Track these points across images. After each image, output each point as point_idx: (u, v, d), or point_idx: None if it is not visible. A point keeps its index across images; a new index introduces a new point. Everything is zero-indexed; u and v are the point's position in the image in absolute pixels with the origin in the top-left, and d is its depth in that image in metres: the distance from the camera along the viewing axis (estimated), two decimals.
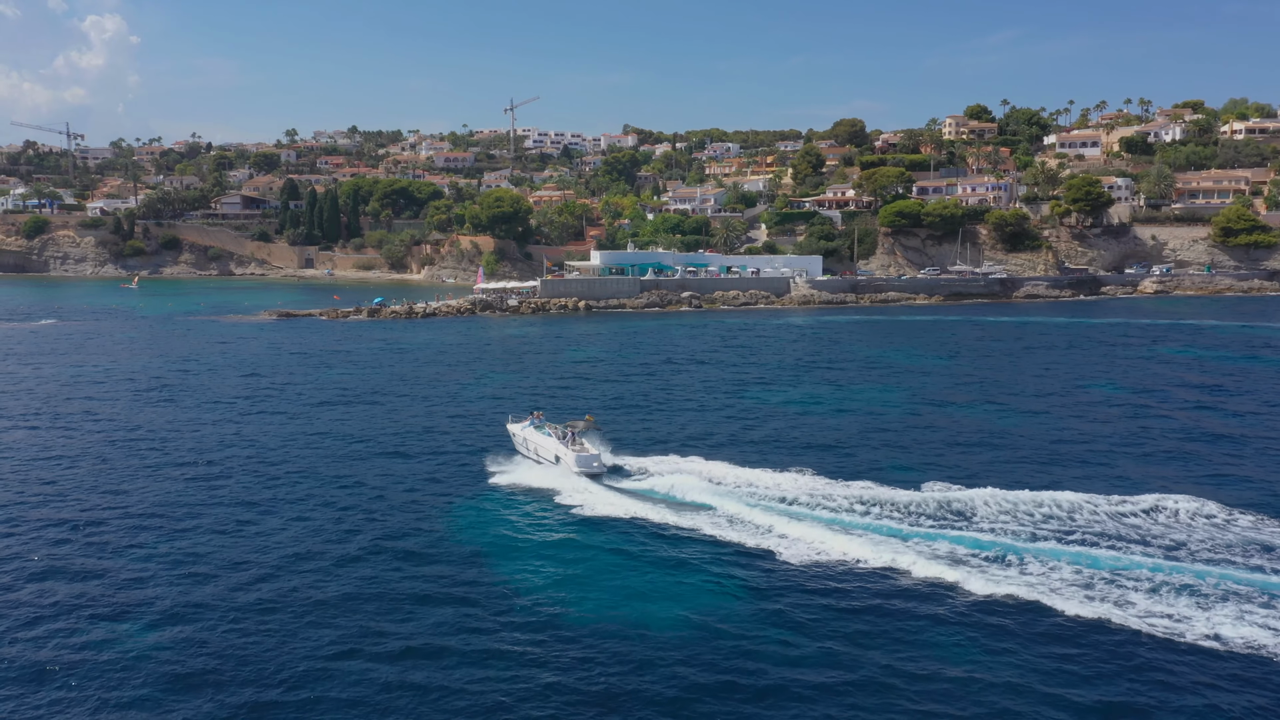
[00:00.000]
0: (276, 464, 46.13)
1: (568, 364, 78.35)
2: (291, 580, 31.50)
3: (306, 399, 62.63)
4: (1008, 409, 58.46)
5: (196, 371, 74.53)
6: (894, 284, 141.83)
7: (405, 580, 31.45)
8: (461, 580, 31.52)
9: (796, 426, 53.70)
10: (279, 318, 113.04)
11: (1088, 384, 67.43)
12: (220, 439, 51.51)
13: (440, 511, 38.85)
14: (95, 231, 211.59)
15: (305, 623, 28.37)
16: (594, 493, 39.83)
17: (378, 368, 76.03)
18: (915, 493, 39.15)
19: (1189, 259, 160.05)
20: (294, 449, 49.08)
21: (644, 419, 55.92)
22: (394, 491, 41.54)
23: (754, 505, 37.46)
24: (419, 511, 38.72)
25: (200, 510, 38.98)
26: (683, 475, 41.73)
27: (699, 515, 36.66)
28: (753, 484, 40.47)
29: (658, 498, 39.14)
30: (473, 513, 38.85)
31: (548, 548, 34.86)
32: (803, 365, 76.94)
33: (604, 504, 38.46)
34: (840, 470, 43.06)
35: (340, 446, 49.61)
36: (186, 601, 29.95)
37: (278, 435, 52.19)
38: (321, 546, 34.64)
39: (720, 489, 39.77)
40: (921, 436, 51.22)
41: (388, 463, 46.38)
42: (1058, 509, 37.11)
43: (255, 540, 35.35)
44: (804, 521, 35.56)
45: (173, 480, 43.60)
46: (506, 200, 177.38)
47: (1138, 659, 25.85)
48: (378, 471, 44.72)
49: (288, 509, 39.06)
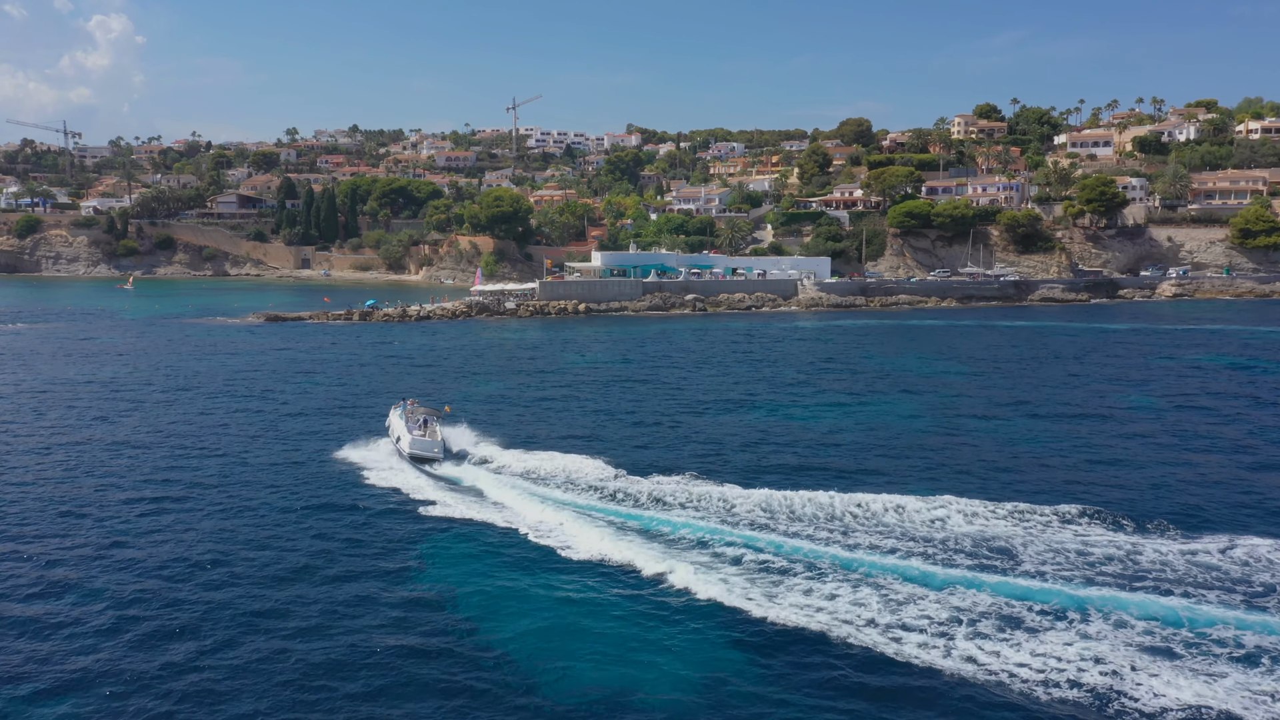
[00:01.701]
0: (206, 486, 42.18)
1: (564, 371, 74.24)
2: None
3: (269, 414, 58.61)
4: (1037, 425, 54.15)
5: (162, 381, 70.37)
6: (905, 287, 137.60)
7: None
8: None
9: (806, 441, 49.55)
10: (266, 321, 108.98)
11: (1118, 395, 63.16)
12: (153, 470, 44.94)
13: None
14: (88, 231, 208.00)
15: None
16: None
17: (360, 375, 71.87)
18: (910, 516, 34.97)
19: (1206, 261, 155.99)
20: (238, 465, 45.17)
21: (641, 433, 51.81)
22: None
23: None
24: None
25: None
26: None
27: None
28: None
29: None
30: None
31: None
32: (812, 373, 72.75)
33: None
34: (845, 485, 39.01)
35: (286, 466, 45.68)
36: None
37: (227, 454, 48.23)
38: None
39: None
40: (942, 454, 47.03)
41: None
42: (1115, 549, 32.72)
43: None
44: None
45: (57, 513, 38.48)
46: (506, 200, 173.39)
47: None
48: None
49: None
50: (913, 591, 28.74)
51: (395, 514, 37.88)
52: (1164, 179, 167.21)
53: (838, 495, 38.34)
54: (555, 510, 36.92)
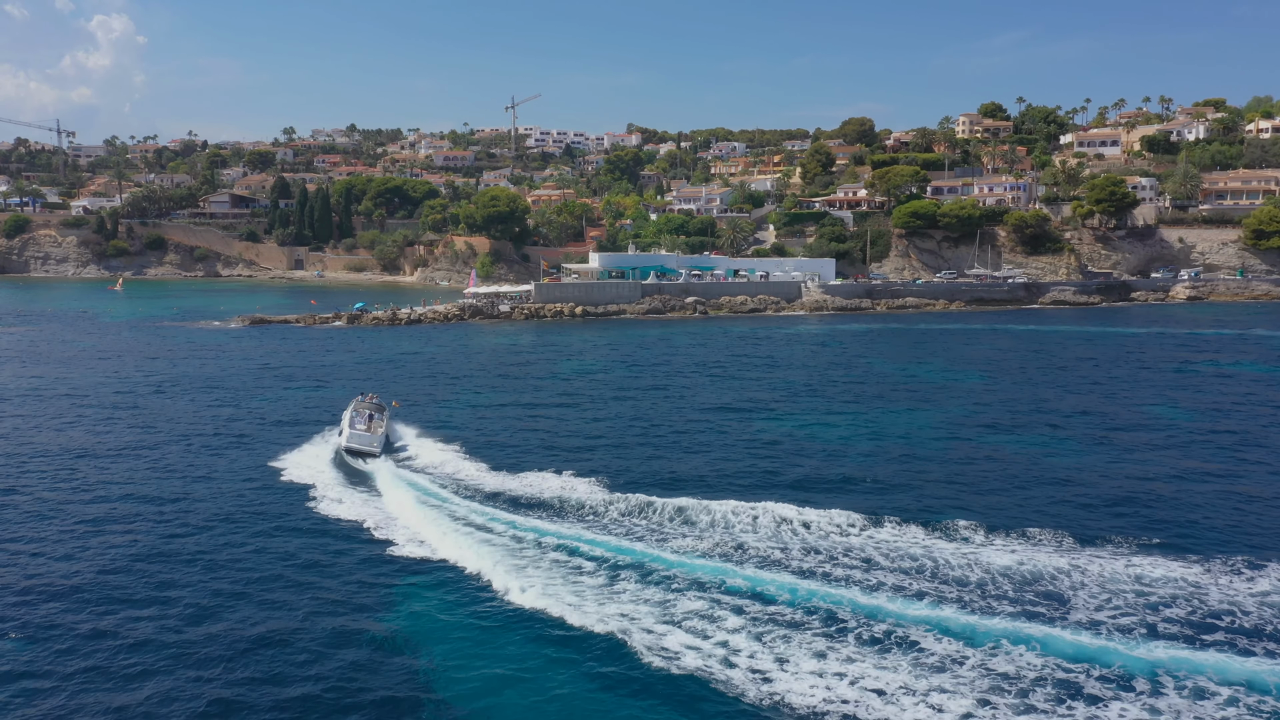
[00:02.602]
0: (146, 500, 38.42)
1: (558, 379, 70.40)
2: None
3: (226, 420, 54.79)
4: (1067, 439, 50.27)
5: (122, 388, 66.41)
6: (912, 289, 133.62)
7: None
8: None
9: (817, 457, 45.72)
10: (251, 324, 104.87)
11: (1148, 405, 59.29)
12: (80, 482, 42.29)
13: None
14: (77, 231, 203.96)
15: None
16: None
17: (338, 380, 67.73)
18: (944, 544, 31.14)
19: (1218, 262, 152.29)
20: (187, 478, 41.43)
21: (633, 449, 48.00)
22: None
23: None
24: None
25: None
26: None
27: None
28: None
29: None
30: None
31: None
32: (820, 382, 68.93)
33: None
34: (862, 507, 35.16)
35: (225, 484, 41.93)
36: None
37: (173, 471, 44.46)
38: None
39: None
40: (968, 473, 43.22)
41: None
42: (1177, 589, 28.90)
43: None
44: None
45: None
46: (503, 199, 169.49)
47: None
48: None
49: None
50: (949, 651, 24.89)
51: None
52: (1174, 179, 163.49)
53: (855, 518, 34.58)
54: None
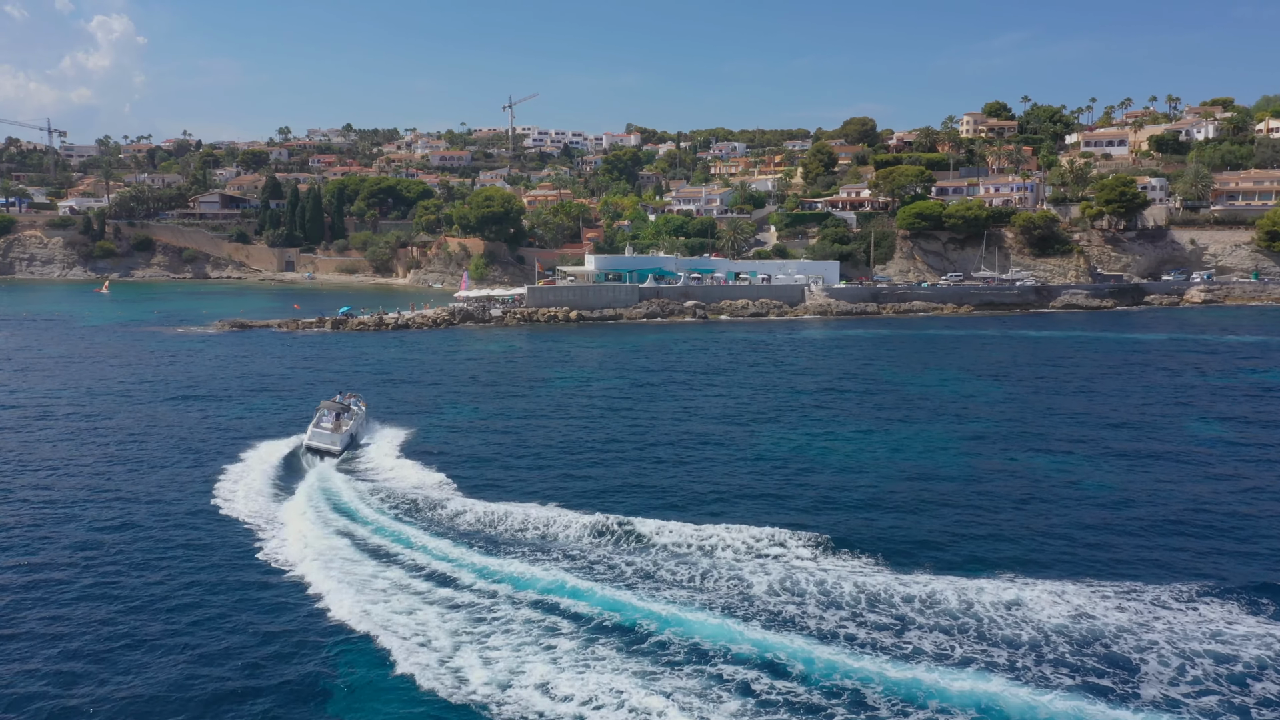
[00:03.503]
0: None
1: (549, 389, 66.22)
2: None
3: (178, 428, 50.63)
4: (1105, 463, 45.90)
5: (73, 398, 62.23)
6: (919, 292, 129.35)
7: None
8: None
9: (830, 482, 41.61)
10: (231, 329, 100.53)
11: (1186, 423, 54.95)
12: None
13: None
14: (64, 232, 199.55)
15: None
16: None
17: (310, 389, 63.03)
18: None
19: (1231, 265, 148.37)
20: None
21: (627, 470, 43.88)
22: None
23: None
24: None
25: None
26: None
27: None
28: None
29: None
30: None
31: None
32: (828, 395, 64.78)
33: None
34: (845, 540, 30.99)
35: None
36: None
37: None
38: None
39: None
40: (1001, 503, 39.08)
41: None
42: (1264, 647, 24.64)
43: None
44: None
45: None
46: (497, 200, 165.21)
47: None
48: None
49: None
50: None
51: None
52: (1185, 179, 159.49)
53: (878, 560, 30.43)
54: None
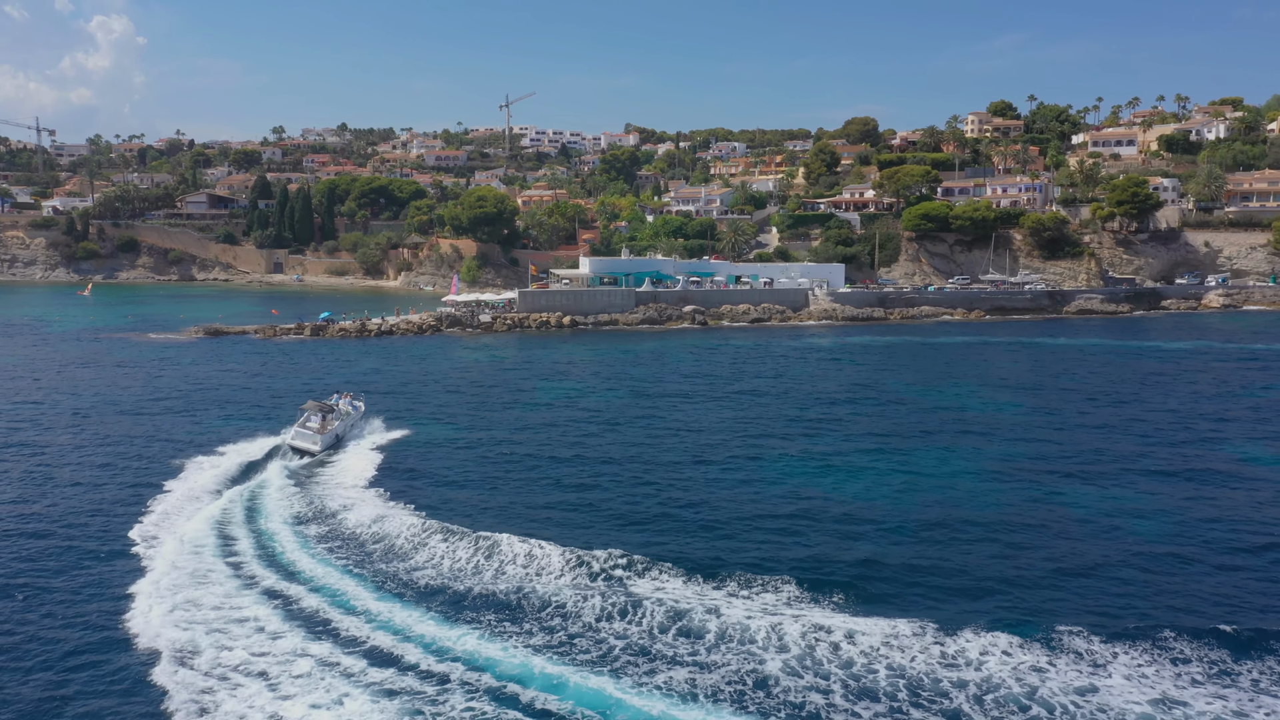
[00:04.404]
0: None
1: (537, 405, 61.44)
2: None
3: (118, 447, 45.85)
4: (1155, 493, 41.20)
5: (19, 413, 57.44)
6: (927, 297, 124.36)
7: None
8: None
9: (845, 519, 36.88)
10: (205, 335, 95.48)
11: (1236, 446, 50.08)
12: None
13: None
14: (46, 232, 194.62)
15: None
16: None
17: (272, 403, 58.37)
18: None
19: (1247, 268, 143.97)
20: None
21: (618, 503, 39.13)
22: None
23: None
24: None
25: None
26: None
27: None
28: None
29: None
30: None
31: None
32: (838, 411, 60.02)
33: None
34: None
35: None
36: None
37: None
38: None
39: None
40: (1054, 549, 34.32)
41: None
42: None
43: None
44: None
45: None
46: (490, 200, 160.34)
47: None
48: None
49: None
50: None
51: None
52: (1197, 180, 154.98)
53: (917, 628, 25.69)
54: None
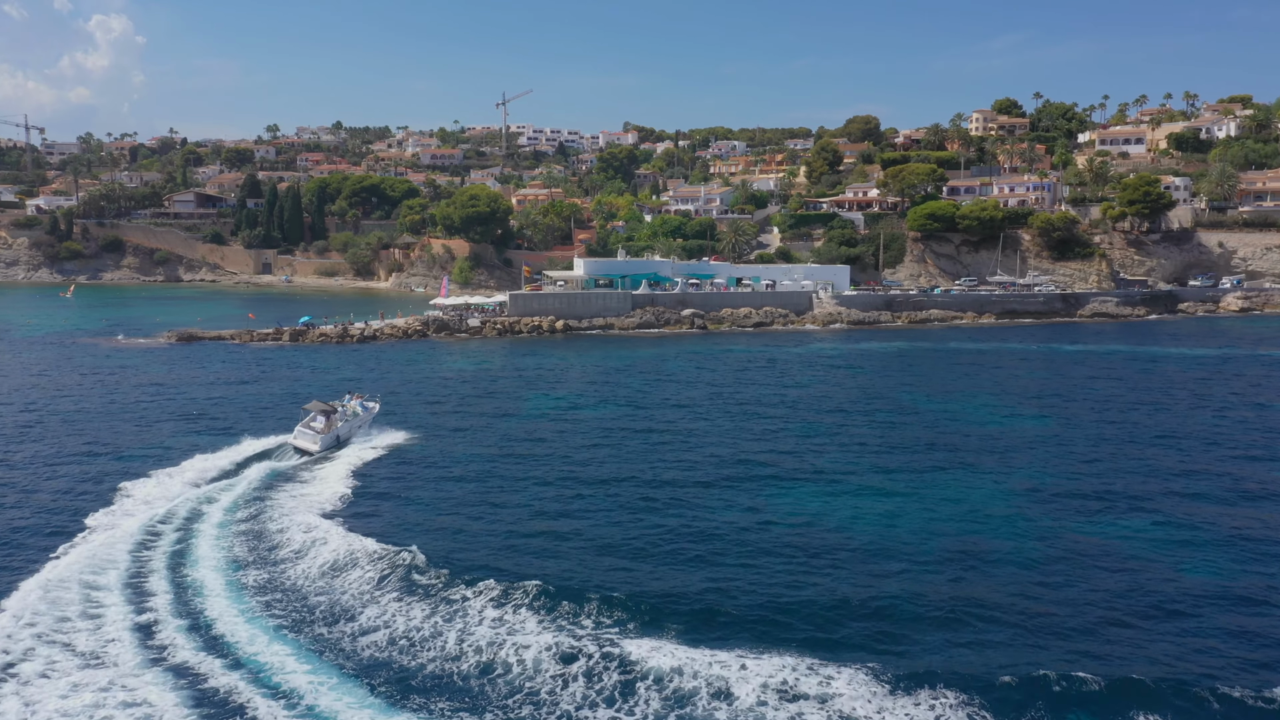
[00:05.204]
0: None
1: (523, 418, 56.99)
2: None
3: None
4: (1206, 526, 36.88)
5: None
6: (936, 300, 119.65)
7: None
8: None
9: (862, 566, 32.42)
10: (179, 341, 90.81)
11: (1273, 462, 45.92)
12: None
13: None
14: (29, 232, 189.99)
15: None
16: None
17: (229, 428, 53.75)
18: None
19: (1262, 269, 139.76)
20: None
21: (609, 540, 34.70)
22: None
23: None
24: None
25: None
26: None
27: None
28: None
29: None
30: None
31: None
32: (846, 428, 55.59)
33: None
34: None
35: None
36: None
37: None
38: None
39: None
40: (1109, 603, 29.90)
41: None
42: None
43: None
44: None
45: None
46: (483, 199, 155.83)
47: None
48: None
49: None
50: None
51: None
52: (1209, 179, 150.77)
53: (957, 699, 21.21)
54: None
